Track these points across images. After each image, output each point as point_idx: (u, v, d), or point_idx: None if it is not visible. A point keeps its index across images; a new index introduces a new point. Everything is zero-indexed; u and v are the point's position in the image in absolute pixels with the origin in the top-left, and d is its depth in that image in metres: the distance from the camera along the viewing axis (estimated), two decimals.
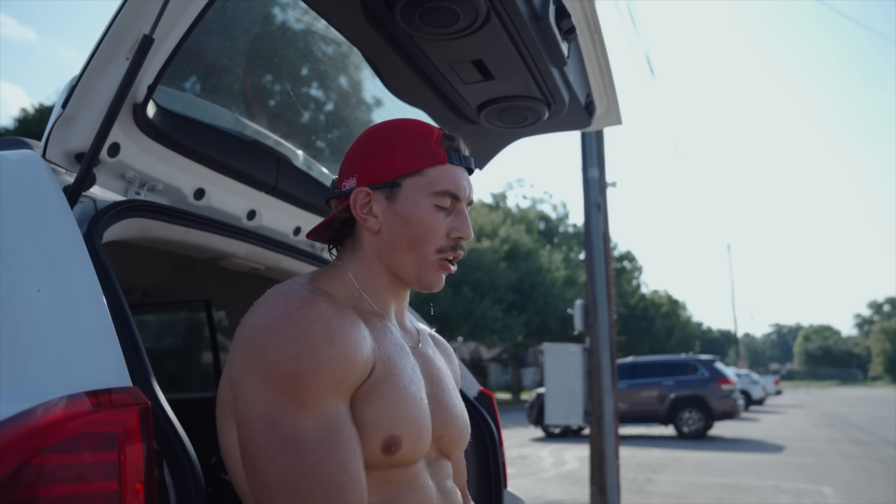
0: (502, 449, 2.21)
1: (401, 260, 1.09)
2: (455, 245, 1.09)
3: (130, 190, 1.51)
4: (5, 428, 0.85)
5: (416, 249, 1.08)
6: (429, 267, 1.09)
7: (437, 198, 1.08)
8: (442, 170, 1.08)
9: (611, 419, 6.11)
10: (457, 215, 1.10)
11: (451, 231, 1.09)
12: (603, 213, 6.38)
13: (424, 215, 1.07)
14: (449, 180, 1.08)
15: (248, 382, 0.92)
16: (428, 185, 1.07)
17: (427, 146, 1.09)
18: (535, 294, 28.34)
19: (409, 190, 1.08)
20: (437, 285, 1.10)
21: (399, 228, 1.08)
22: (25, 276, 1.03)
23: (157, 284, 2.75)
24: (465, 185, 1.11)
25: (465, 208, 1.12)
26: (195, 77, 1.62)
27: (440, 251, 1.08)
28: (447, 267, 1.10)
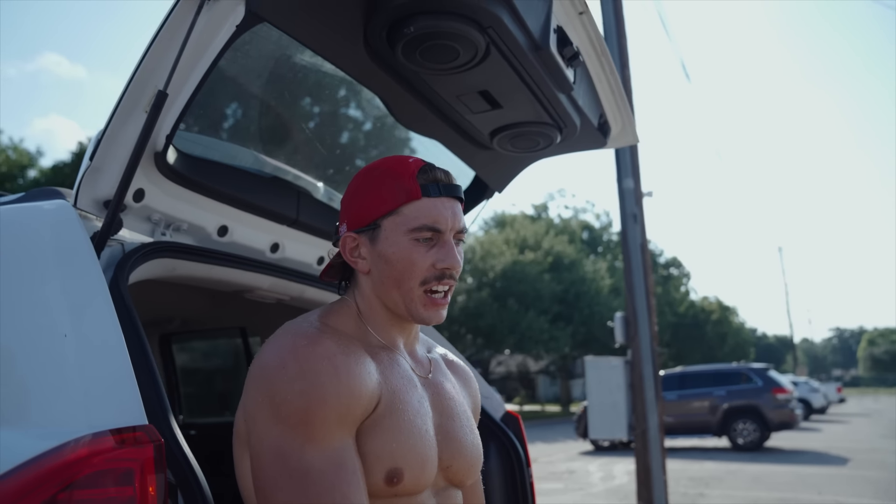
0: (530, 470, 2.22)
1: (391, 297, 1.12)
2: (441, 275, 1.10)
3: (157, 231, 1.60)
4: (34, 466, 0.92)
5: (402, 286, 1.10)
6: (416, 302, 1.11)
7: (416, 233, 1.09)
8: (417, 205, 1.09)
9: (656, 432, 6.01)
10: (440, 247, 1.10)
11: (435, 262, 1.09)
12: (640, 223, 6.31)
13: (404, 253, 1.09)
14: (425, 215, 1.09)
15: (259, 416, 0.98)
16: (404, 223, 1.09)
17: (400, 183, 1.10)
18: (581, 304, 28.04)
19: (387, 230, 1.10)
20: (432, 319, 1.12)
21: (384, 268, 1.11)
22: (53, 321, 1.11)
23: (194, 314, 2.87)
24: (445, 216, 1.10)
25: (451, 237, 1.12)
26: (214, 121, 1.70)
27: (424, 283, 1.10)
28: (436, 302, 1.11)
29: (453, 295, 5.43)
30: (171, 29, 1.25)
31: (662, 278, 35.33)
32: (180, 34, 1.24)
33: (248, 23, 1.27)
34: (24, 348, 1.10)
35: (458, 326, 27.33)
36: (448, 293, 1.14)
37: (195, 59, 1.30)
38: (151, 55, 1.27)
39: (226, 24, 1.27)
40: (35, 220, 1.32)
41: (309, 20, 1.35)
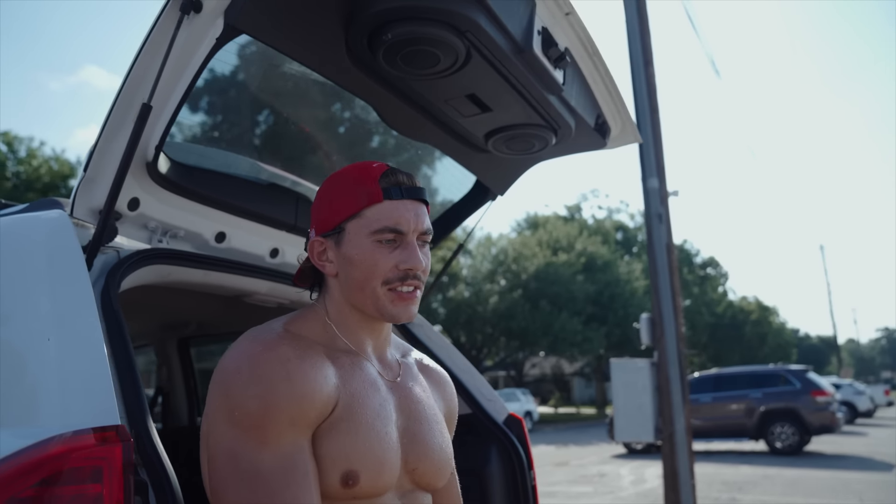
0: (532, 473, 2.21)
1: (357, 298, 1.14)
2: (404, 276, 1.12)
3: (154, 238, 1.65)
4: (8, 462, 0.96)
5: (367, 287, 1.12)
6: (383, 300, 1.12)
7: (377, 235, 1.11)
8: (378, 208, 1.12)
9: (683, 435, 5.91)
10: (403, 248, 1.12)
11: (398, 264, 1.11)
12: (665, 223, 6.22)
13: (366, 254, 1.11)
14: (386, 217, 1.11)
15: (214, 419, 1.01)
16: (366, 225, 1.12)
17: (362, 187, 1.13)
18: (615, 306, 27.73)
19: (351, 233, 1.13)
20: (402, 316, 1.13)
21: (349, 270, 1.13)
22: (40, 325, 1.16)
23: (209, 318, 2.93)
24: (406, 218, 1.12)
25: (414, 239, 1.13)
26: (208, 130, 1.75)
27: (387, 283, 1.11)
28: (403, 297, 1.12)
29: (485, 296, 5.47)
30: (154, 43, 1.29)
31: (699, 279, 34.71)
32: (163, 48, 1.28)
33: (228, 35, 1.31)
34: (12, 351, 1.16)
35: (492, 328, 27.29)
36: (416, 291, 1.14)
37: (178, 72, 1.34)
38: (136, 69, 1.32)
39: (206, 37, 1.31)
40: (31, 229, 1.38)
41: (289, 31, 1.38)
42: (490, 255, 28.61)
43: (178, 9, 1.25)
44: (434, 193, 2.67)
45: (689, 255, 35.39)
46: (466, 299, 26.85)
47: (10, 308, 1.23)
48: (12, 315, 1.22)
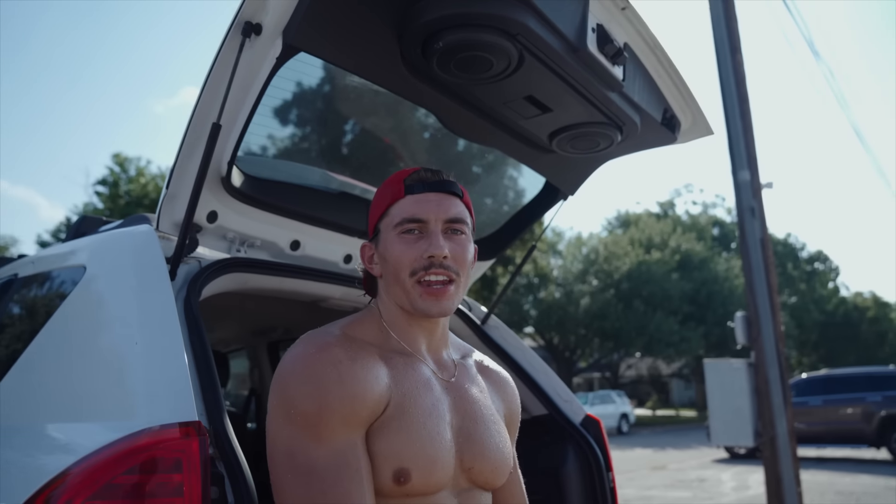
0: (611, 475, 2.18)
1: (395, 293, 1.19)
2: (428, 264, 1.15)
3: (232, 248, 1.77)
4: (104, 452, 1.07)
5: (398, 280, 1.17)
6: (412, 293, 1.16)
7: (400, 227, 1.17)
8: (401, 203, 1.18)
9: (786, 440, 5.59)
10: (427, 237, 1.16)
11: (423, 252, 1.15)
12: (759, 217, 5.92)
13: (394, 248, 1.17)
14: (406, 209, 1.17)
15: (273, 417, 1.07)
16: (391, 221, 1.19)
17: (390, 188, 1.21)
18: (714, 304, 26.56)
19: (383, 232, 1.20)
20: (430, 310, 1.16)
21: (385, 266, 1.20)
22: (128, 330, 1.28)
23: (294, 323, 3.07)
24: (427, 207, 1.16)
25: (439, 227, 1.16)
26: (279, 144, 1.85)
27: (413, 274, 1.15)
28: (431, 291, 1.15)
29: (577, 297, 5.40)
30: (220, 67, 1.39)
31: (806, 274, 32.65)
32: (228, 70, 1.37)
33: (287, 54, 1.38)
34: (106, 354, 1.28)
35: (584, 329, 26.80)
36: (447, 284, 1.16)
37: (244, 92, 1.44)
38: (206, 92, 1.42)
39: (267, 57, 1.39)
40: (122, 243, 1.52)
41: (344, 46, 1.45)
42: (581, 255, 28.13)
43: (240, 33, 1.34)
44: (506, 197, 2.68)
45: (793, 250, 33.38)
46: (558, 300, 26.51)
47: (106, 315, 1.36)
48: (109, 321, 1.34)
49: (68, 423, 1.23)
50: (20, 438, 1.29)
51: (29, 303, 1.79)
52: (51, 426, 1.26)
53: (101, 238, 1.68)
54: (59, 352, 1.42)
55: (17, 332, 1.71)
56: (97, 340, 1.34)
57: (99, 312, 1.40)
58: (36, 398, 1.39)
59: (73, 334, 1.42)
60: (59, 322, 1.47)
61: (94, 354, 1.31)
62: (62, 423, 1.24)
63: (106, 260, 1.52)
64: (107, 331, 1.34)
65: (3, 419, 1.42)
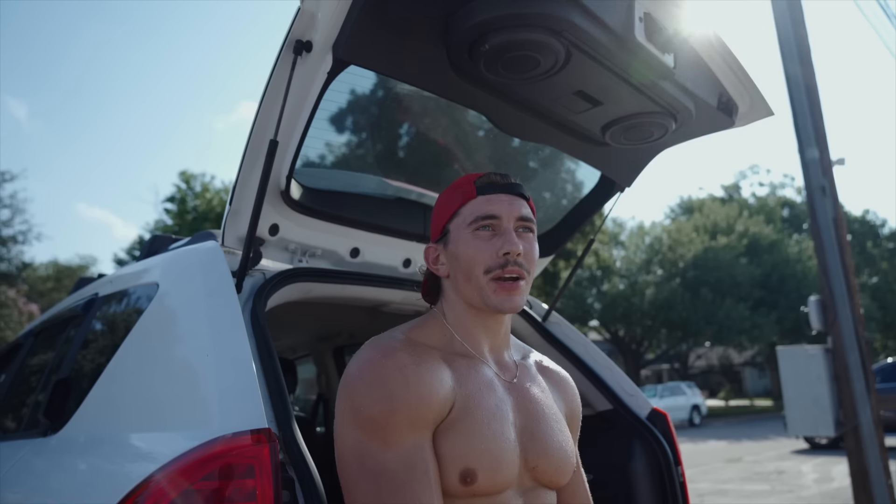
0: (680, 469, 2.13)
1: (466, 292, 1.21)
2: (504, 262, 1.17)
3: (294, 259, 1.82)
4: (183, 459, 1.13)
5: (471, 278, 1.19)
6: (486, 290, 1.18)
7: (474, 225, 1.19)
8: (473, 202, 1.21)
9: (871, 429, 5.32)
10: (501, 235, 1.19)
11: (498, 250, 1.17)
12: (830, 195, 5.65)
13: (468, 245, 1.19)
14: (479, 208, 1.20)
15: (341, 421, 1.11)
16: (463, 220, 1.21)
17: (459, 190, 1.23)
18: (787, 288, 25.54)
19: (454, 232, 1.22)
20: (505, 305, 1.18)
21: (455, 265, 1.21)
22: (200, 343, 1.34)
23: (359, 328, 3.14)
24: (499, 207, 1.20)
25: (511, 225, 1.20)
26: (334, 155, 1.89)
27: (488, 271, 1.17)
28: (504, 287, 1.17)
29: (641, 288, 5.41)
30: (275, 85, 1.43)
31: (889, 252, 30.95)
32: (282, 88, 1.42)
33: (338, 68, 1.42)
34: (180, 367, 1.34)
35: (651, 320, 26.24)
36: (518, 281, 1.18)
37: (298, 108, 1.48)
38: (263, 110, 1.47)
39: (319, 72, 1.43)
40: (190, 259, 1.59)
41: (393, 55, 1.47)
42: (644, 244, 27.53)
43: (291, 51, 1.39)
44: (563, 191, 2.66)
45: (873, 227, 31.70)
46: (622, 292, 26.02)
47: (178, 329, 1.43)
48: (181, 335, 1.41)
49: (148, 432, 1.30)
50: (107, 447, 1.38)
51: (109, 319, 1.89)
52: (133, 435, 1.33)
53: (171, 256, 1.77)
54: (138, 365, 1.50)
55: (100, 347, 1.82)
56: (172, 353, 1.41)
57: (172, 327, 1.48)
58: (118, 409, 1.47)
59: (150, 348, 1.50)
60: (136, 337, 1.56)
61: (170, 366, 1.38)
62: (143, 433, 1.31)
63: (176, 276, 1.60)
64: (180, 344, 1.41)
65: (92, 428, 1.51)
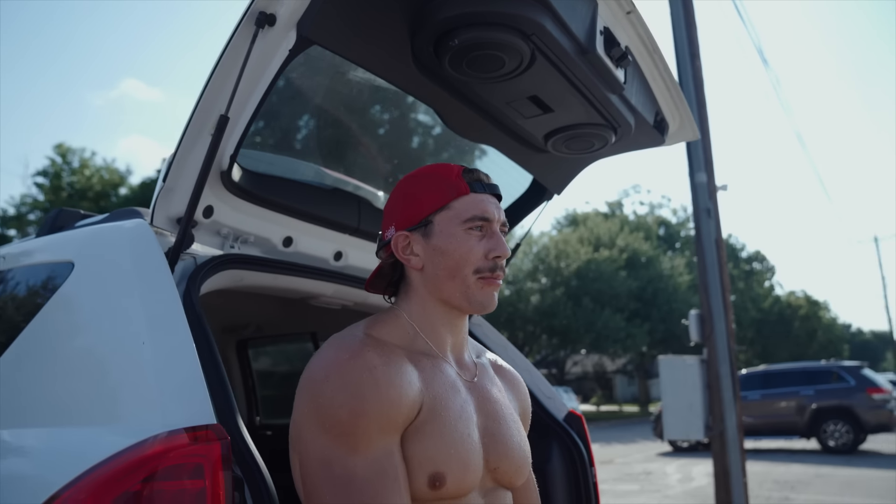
0: (594, 470, 2.21)
1: (446, 289, 1.17)
2: (494, 266, 1.17)
3: (226, 244, 1.71)
4: (116, 461, 1.02)
5: (458, 275, 1.16)
6: (472, 288, 1.16)
7: (469, 223, 1.16)
8: (466, 199, 1.18)
9: (734, 433, 5.80)
10: (490, 237, 1.18)
11: (488, 252, 1.16)
12: (714, 218, 6.11)
13: (459, 243, 1.16)
14: (475, 207, 1.17)
15: (305, 426, 1.04)
16: (456, 216, 1.17)
17: (448, 182, 1.19)
18: (659, 302, 27.29)
19: (441, 224, 1.17)
20: (488, 303, 1.17)
21: (439, 260, 1.17)
22: (133, 330, 1.22)
23: (268, 320, 3.01)
24: (492, 210, 1.19)
25: (498, 230, 1.20)
26: (275, 138, 1.80)
27: (478, 272, 1.16)
28: (491, 282, 1.17)
29: (527, 294, 5.54)
30: (230, 57, 1.33)
31: (745, 273, 33.91)
32: (238, 61, 1.33)
33: (301, 47, 1.34)
34: (109, 354, 1.22)
35: (533, 326, 27.13)
36: (499, 280, 1.19)
37: (253, 84, 1.39)
38: (213, 82, 1.36)
39: (279, 49, 1.35)
40: (116, 238, 1.44)
41: (358, 40, 1.42)
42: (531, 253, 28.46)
43: (253, 23, 1.30)
44: None
45: (734, 250, 34.60)
46: (507, 297, 26.74)
47: (104, 313, 1.30)
48: (108, 320, 1.28)
49: (70, 427, 1.17)
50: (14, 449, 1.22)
51: (6, 300, 1.69)
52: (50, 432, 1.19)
53: (88, 233, 1.60)
54: (50, 352, 1.34)
55: None
56: (98, 340, 1.27)
57: (96, 310, 1.33)
58: (28, 402, 1.31)
59: (66, 333, 1.35)
60: (47, 320, 1.40)
61: (97, 355, 1.25)
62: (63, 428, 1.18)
63: (98, 255, 1.45)
64: (108, 330, 1.27)
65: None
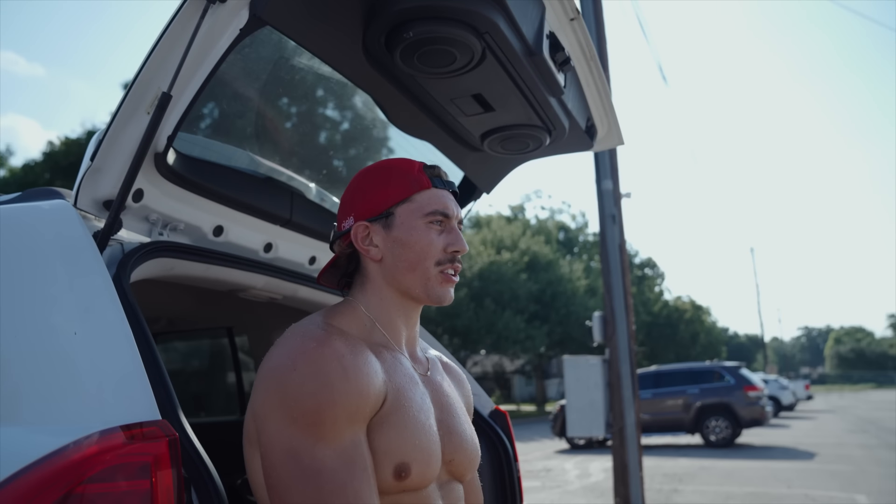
0: (517, 465, 2.26)
1: (406, 280, 1.18)
2: (452, 258, 1.19)
3: (154, 231, 1.61)
4: (50, 461, 0.94)
5: (418, 267, 1.17)
6: (432, 280, 1.18)
7: (429, 217, 1.18)
8: (428, 193, 1.20)
9: (633, 430, 6.11)
10: (449, 232, 1.20)
11: (447, 246, 1.19)
12: (618, 224, 6.41)
13: (421, 235, 1.17)
14: (436, 201, 1.20)
15: (270, 417, 1.00)
16: (418, 209, 1.19)
17: (411, 176, 1.21)
18: (557, 304, 28.27)
19: (402, 216, 1.18)
20: (446, 297, 1.19)
21: (399, 251, 1.17)
22: (63, 319, 1.13)
23: (181, 314, 2.86)
24: (451, 206, 1.22)
25: (456, 226, 1.22)
26: (210, 122, 1.72)
27: (439, 264, 1.18)
28: (450, 279, 1.19)
29: None
30: (176, 31, 1.26)
31: (637, 278, 35.75)
32: (185, 37, 1.25)
33: (252, 26, 1.29)
34: (36, 346, 1.11)
35: (435, 326, 27.36)
36: (456, 275, 1.21)
37: (198, 62, 1.32)
38: (155, 57, 1.28)
39: (230, 27, 1.29)
40: (37, 219, 1.33)
41: (311, 25, 1.38)
42: None
43: None
44: None
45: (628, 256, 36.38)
46: None
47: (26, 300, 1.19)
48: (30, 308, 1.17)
49: None
50: None
51: None
52: None
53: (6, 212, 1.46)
54: None
55: None
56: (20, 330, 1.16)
57: (15, 298, 1.22)
58: None
59: None
60: None
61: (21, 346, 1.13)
62: None
63: (14, 238, 1.32)
64: (32, 318, 1.16)
65: None
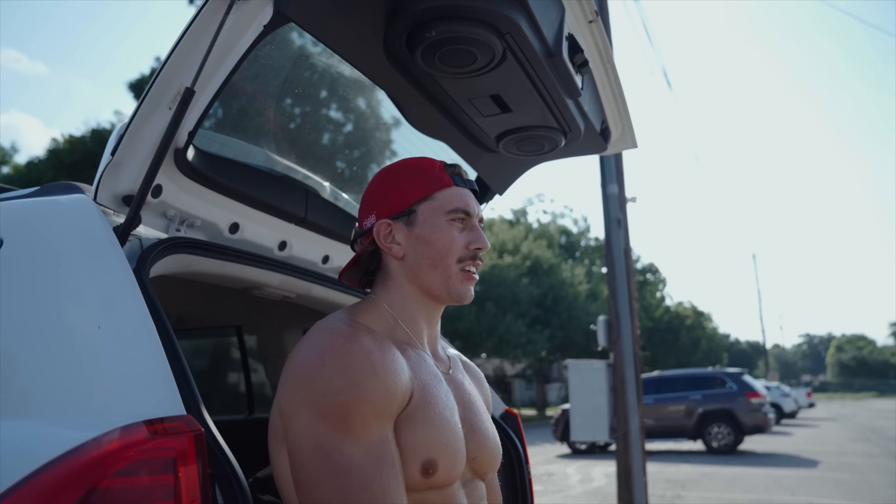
0: (528, 467, 2.25)
1: (428, 278, 1.19)
2: (474, 255, 1.20)
3: (171, 227, 1.61)
4: (75, 456, 0.94)
5: (440, 264, 1.18)
6: (454, 278, 1.19)
7: (451, 215, 1.20)
8: (450, 191, 1.22)
9: (637, 435, 6.10)
10: (471, 230, 1.21)
11: (469, 243, 1.20)
12: (623, 228, 6.40)
13: (443, 232, 1.18)
14: (458, 199, 1.21)
15: (298, 414, 1.00)
16: (440, 206, 1.20)
17: (432, 174, 1.22)
18: (559, 308, 28.24)
19: (424, 214, 1.20)
20: (466, 295, 1.20)
21: (422, 249, 1.18)
22: (86, 313, 1.13)
23: (190, 311, 2.86)
24: (472, 204, 1.23)
25: (477, 224, 1.23)
26: (229, 119, 1.72)
27: (461, 261, 1.19)
28: (471, 276, 1.21)
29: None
30: (200, 27, 1.26)
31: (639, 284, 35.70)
32: (209, 33, 1.26)
33: (276, 23, 1.29)
34: (60, 340, 1.11)
35: None
36: (476, 273, 1.22)
37: (221, 58, 1.32)
38: (178, 53, 1.29)
39: (253, 23, 1.29)
40: (58, 214, 1.33)
41: (333, 22, 1.38)
42: None
43: None
44: None
45: None
46: None
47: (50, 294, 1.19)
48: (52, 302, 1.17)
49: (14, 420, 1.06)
50: None
51: None
52: None
53: (17, 206, 1.46)
54: None
55: None
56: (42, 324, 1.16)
57: (37, 292, 1.22)
58: None
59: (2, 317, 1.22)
60: None
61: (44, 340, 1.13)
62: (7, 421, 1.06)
63: (35, 232, 1.33)
64: (54, 313, 1.16)
65: None
